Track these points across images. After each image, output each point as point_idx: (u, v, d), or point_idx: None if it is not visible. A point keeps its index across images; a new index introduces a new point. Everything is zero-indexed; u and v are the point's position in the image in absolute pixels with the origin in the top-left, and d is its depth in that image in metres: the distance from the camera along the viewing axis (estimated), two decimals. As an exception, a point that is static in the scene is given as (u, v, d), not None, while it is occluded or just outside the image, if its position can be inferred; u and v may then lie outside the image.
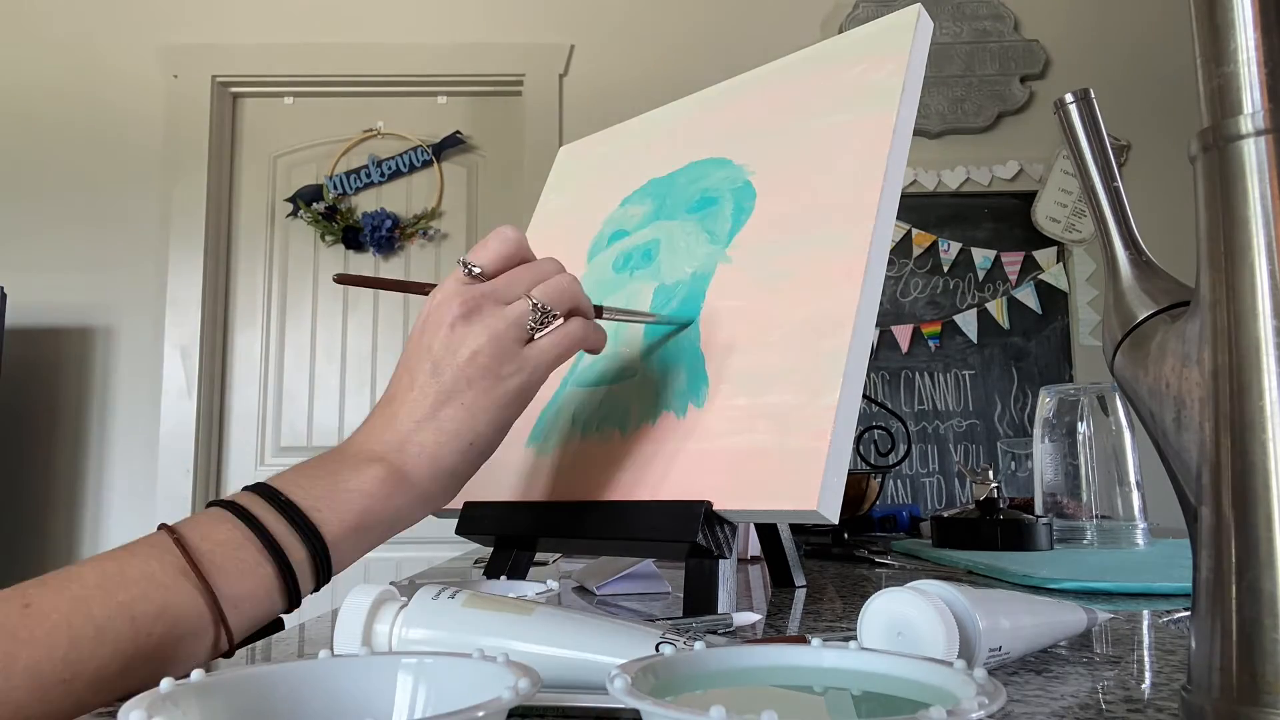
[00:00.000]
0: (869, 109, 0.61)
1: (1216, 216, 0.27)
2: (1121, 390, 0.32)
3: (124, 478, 2.52)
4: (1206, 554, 0.27)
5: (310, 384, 2.64)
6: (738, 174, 0.68)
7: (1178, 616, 0.56)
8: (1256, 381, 0.25)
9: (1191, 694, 0.27)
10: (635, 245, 0.72)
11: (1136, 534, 1.00)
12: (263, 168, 2.73)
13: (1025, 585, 0.69)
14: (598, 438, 0.63)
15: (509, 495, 0.68)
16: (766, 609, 0.62)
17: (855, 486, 1.30)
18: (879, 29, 0.65)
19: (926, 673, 0.26)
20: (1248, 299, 0.26)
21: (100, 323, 2.58)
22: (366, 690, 0.28)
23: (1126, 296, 0.33)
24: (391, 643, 0.35)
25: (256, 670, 0.27)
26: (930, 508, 2.52)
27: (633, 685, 0.24)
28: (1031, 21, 2.71)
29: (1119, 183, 0.34)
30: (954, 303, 2.63)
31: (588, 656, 0.33)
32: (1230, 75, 0.26)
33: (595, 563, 0.80)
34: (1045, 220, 2.62)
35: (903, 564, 0.92)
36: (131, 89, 2.65)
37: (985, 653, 0.36)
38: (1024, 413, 2.59)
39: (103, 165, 2.62)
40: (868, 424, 1.49)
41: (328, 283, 2.69)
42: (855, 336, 0.52)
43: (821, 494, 0.48)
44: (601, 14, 2.71)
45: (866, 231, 0.55)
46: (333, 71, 2.68)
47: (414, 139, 2.71)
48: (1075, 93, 0.35)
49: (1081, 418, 1.05)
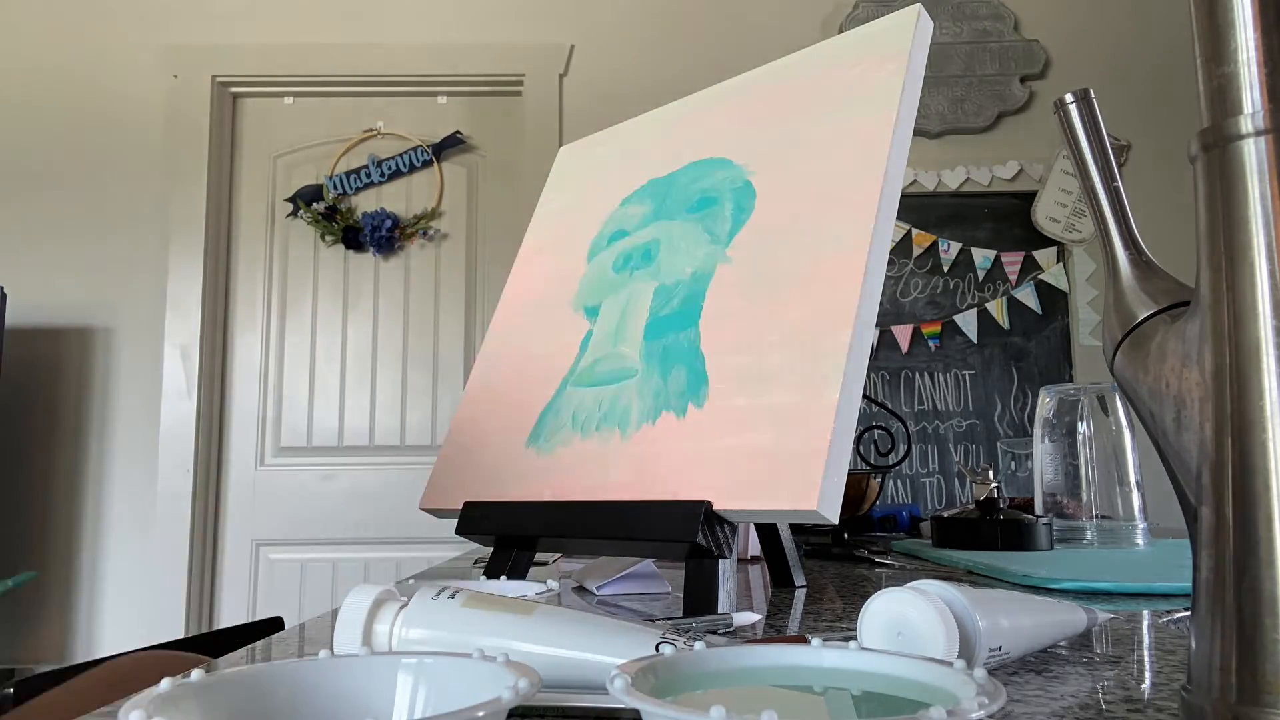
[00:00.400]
0: (869, 109, 0.61)
1: (1216, 216, 0.27)
2: (1121, 390, 0.32)
3: (124, 478, 2.52)
4: (1206, 554, 0.27)
5: (310, 384, 2.64)
6: (738, 174, 0.68)
7: (1178, 616, 0.56)
8: (1256, 381, 0.25)
9: (1191, 694, 0.27)
10: (635, 245, 0.72)
11: (1136, 534, 1.00)
12: (263, 168, 2.73)
13: (1025, 585, 0.69)
14: (598, 438, 0.63)
15: (509, 495, 0.68)
16: (766, 609, 0.62)
17: (855, 486, 1.30)
18: (879, 29, 0.65)
19: (926, 673, 0.26)
20: (1248, 299, 0.26)
21: (100, 323, 2.58)
22: (367, 690, 0.28)
23: (1126, 296, 0.33)
24: (391, 643, 0.35)
25: (257, 669, 0.27)
26: (930, 508, 2.52)
27: (633, 685, 0.24)
28: (1031, 21, 2.71)
29: (1119, 183, 0.34)
30: (954, 303, 2.63)
31: (588, 656, 0.33)
32: (1230, 75, 0.26)
33: (595, 563, 0.80)
34: (1045, 220, 2.62)
35: (903, 564, 0.92)
36: (131, 89, 2.65)
37: (985, 653, 0.36)
38: (1024, 413, 2.59)
39: (103, 165, 2.62)
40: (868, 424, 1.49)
41: (328, 283, 2.69)
42: (855, 336, 0.52)
43: (821, 494, 0.48)
44: (601, 14, 2.71)
45: (866, 231, 0.55)
46: (333, 71, 2.68)
47: (414, 139, 2.71)
48: (1075, 93, 0.35)
49: (1081, 418, 1.05)
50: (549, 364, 0.72)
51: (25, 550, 2.48)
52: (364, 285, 2.68)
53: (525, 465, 0.68)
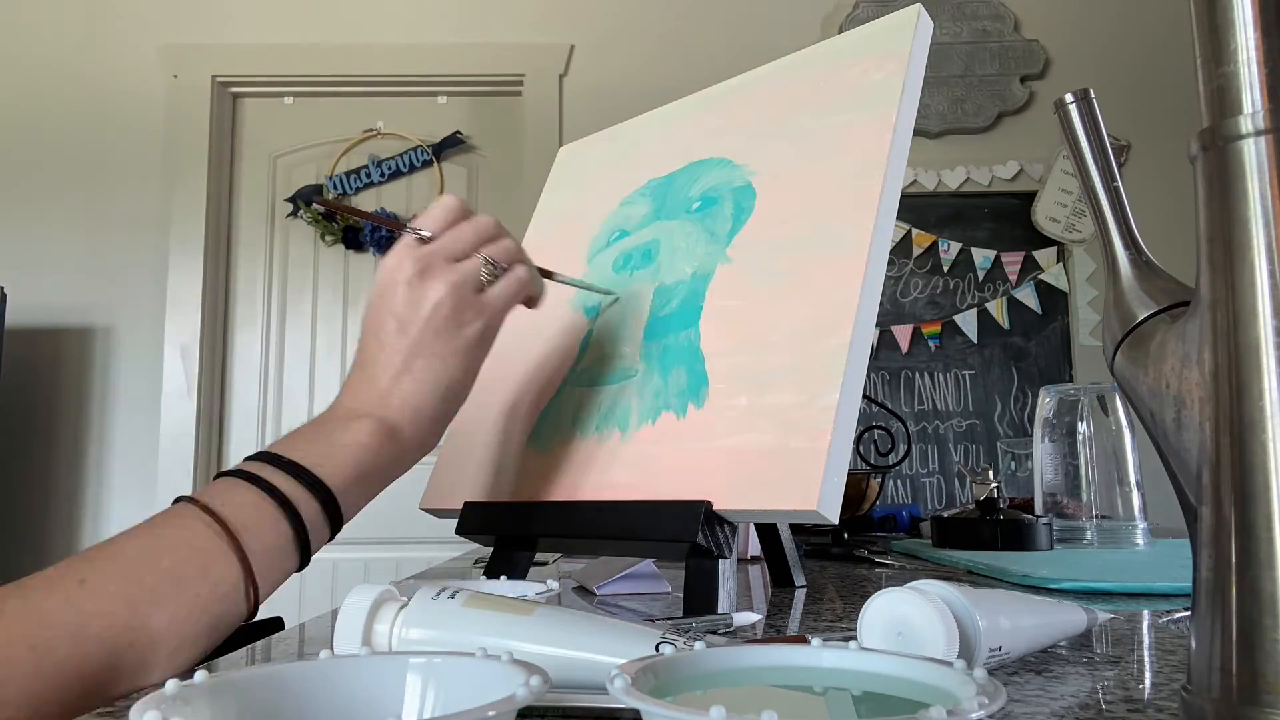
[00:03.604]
0: (869, 109, 0.61)
1: (1216, 216, 0.27)
2: (1121, 390, 0.32)
3: (124, 478, 2.52)
4: (1206, 554, 0.27)
5: (310, 384, 2.64)
6: (738, 174, 0.68)
7: (1178, 616, 0.56)
8: (1256, 381, 0.25)
9: (1191, 694, 0.27)
10: (635, 245, 0.72)
11: (1136, 534, 1.00)
12: (263, 168, 2.73)
13: (1025, 585, 0.69)
14: (598, 438, 0.63)
15: (509, 495, 0.68)
16: (766, 609, 0.62)
17: (855, 486, 1.30)
18: (879, 29, 0.65)
19: (926, 673, 0.26)
20: (1248, 299, 0.26)
21: (100, 323, 2.58)
22: (374, 690, 0.28)
23: (1126, 296, 0.33)
24: (391, 643, 0.35)
25: (265, 670, 0.27)
26: (930, 508, 2.52)
27: (633, 685, 0.24)
28: (1031, 21, 2.71)
29: (1119, 183, 0.34)
30: (954, 303, 2.63)
31: (588, 656, 0.33)
32: (1230, 75, 0.26)
33: (595, 563, 0.80)
34: (1045, 220, 2.62)
35: (903, 564, 0.92)
36: (131, 89, 2.65)
37: (985, 653, 0.36)
38: (1024, 413, 2.59)
39: (103, 165, 2.62)
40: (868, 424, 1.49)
41: (328, 283, 2.69)
42: (855, 336, 0.52)
43: (821, 494, 0.48)
44: (601, 14, 2.71)
45: (866, 231, 0.55)
46: (333, 71, 2.68)
47: (414, 139, 2.71)
48: (1075, 93, 0.35)
49: (1081, 418, 1.05)
50: (549, 364, 0.72)
51: (25, 550, 2.48)
52: (364, 285, 2.68)
53: (525, 465, 0.68)
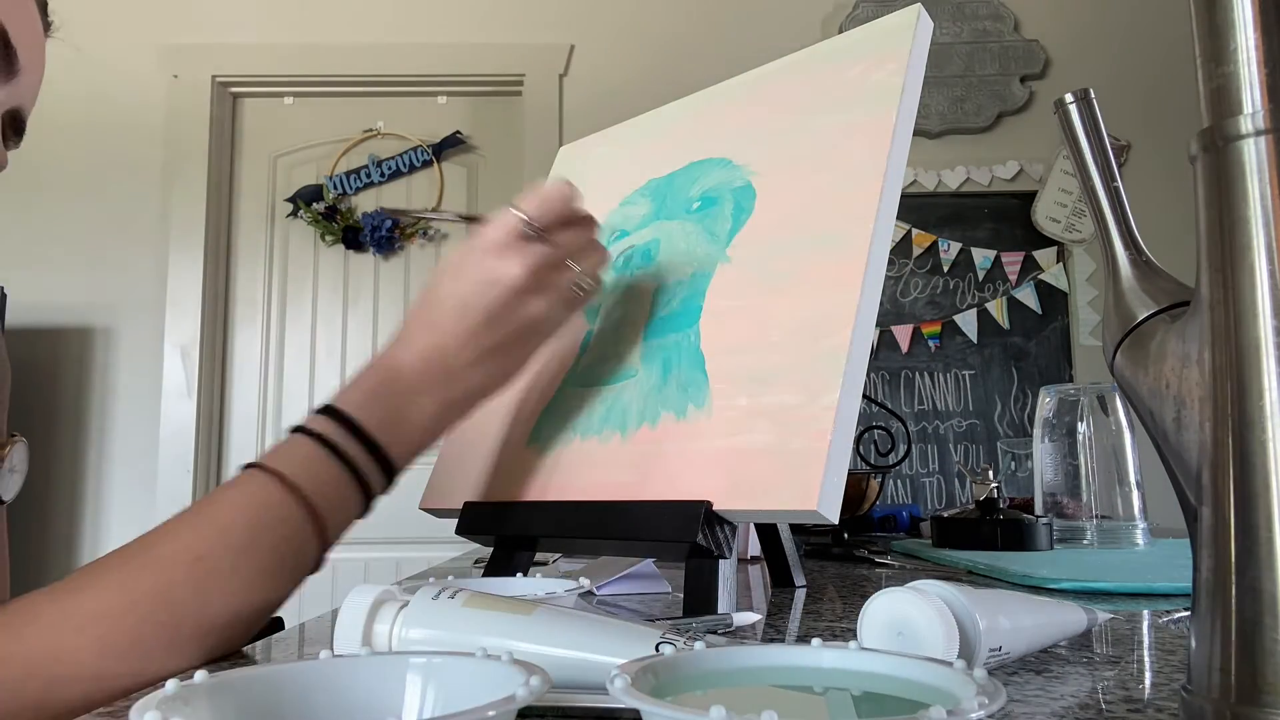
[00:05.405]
0: (869, 109, 0.61)
1: (1216, 216, 0.27)
2: (1121, 390, 0.32)
3: (124, 478, 2.52)
4: (1206, 554, 0.27)
5: (310, 384, 2.64)
6: (738, 174, 0.68)
7: (1178, 616, 0.56)
8: (1256, 381, 0.25)
9: (1191, 694, 0.27)
10: (635, 245, 0.72)
11: (1136, 534, 1.00)
12: (263, 168, 2.73)
13: (1025, 585, 0.69)
14: (598, 438, 0.63)
15: (509, 495, 0.68)
16: (766, 609, 0.62)
17: (855, 486, 1.30)
18: (879, 29, 0.65)
19: (926, 673, 0.26)
20: (1248, 299, 0.26)
21: (100, 323, 2.58)
22: (375, 690, 0.28)
23: (1126, 296, 0.33)
24: (391, 643, 0.35)
25: (266, 670, 0.27)
26: (930, 508, 2.52)
27: (633, 685, 0.24)
28: (1031, 21, 2.71)
29: (1119, 183, 0.34)
30: (954, 303, 2.63)
31: (588, 656, 0.33)
32: (1230, 75, 0.26)
33: (595, 563, 0.80)
34: (1045, 220, 2.62)
35: (903, 564, 0.92)
36: (131, 89, 2.65)
37: (985, 653, 0.36)
38: (1024, 413, 2.59)
39: (103, 165, 2.62)
40: (868, 424, 1.49)
41: (328, 283, 2.68)
42: (855, 336, 0.52)
43: (821, 494, 0.48)
44: (601, 14, 2.71)
45: (866, 231, 0.55)
46: (333, 71, 2.68)
47: (414, 139, 2.71)
48: (1075, 93, 0.35)
49: (1081, 418, 1.05)
50: (549, 364, 0.72)
51: (25, 550, 2.48)
52: (364, 285, 2.68)
53: (525, 465, 0.68)
